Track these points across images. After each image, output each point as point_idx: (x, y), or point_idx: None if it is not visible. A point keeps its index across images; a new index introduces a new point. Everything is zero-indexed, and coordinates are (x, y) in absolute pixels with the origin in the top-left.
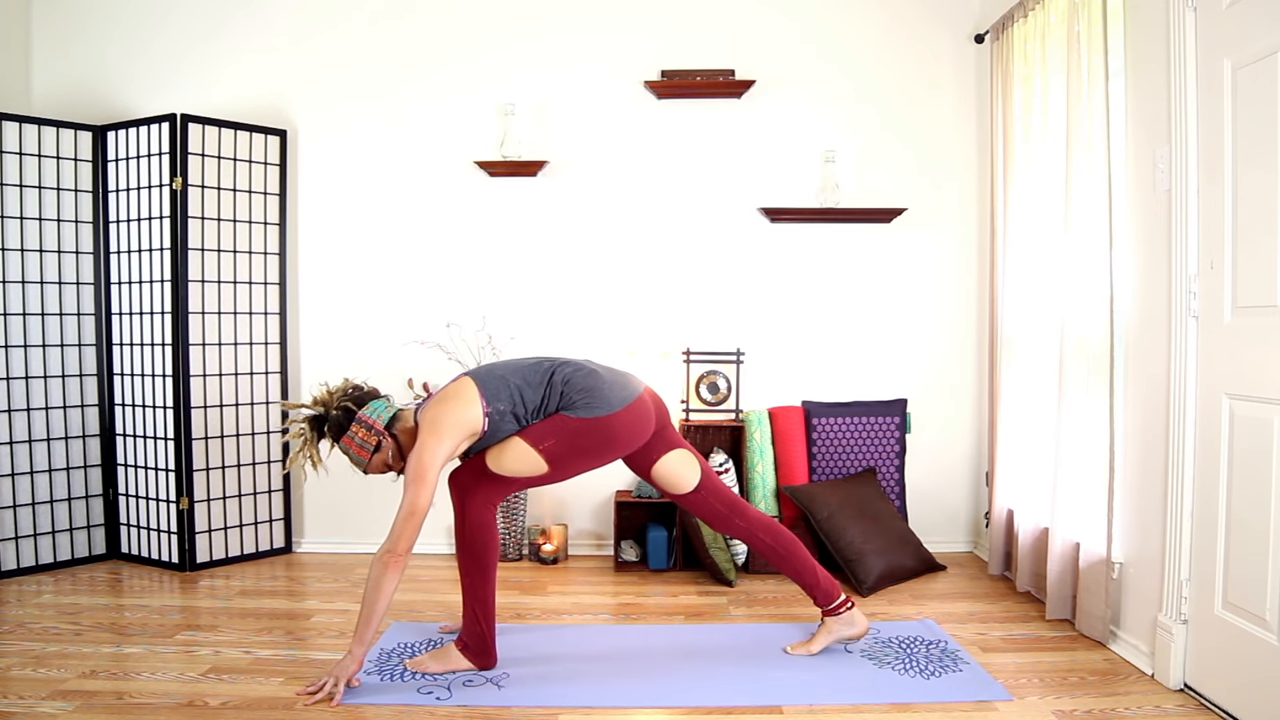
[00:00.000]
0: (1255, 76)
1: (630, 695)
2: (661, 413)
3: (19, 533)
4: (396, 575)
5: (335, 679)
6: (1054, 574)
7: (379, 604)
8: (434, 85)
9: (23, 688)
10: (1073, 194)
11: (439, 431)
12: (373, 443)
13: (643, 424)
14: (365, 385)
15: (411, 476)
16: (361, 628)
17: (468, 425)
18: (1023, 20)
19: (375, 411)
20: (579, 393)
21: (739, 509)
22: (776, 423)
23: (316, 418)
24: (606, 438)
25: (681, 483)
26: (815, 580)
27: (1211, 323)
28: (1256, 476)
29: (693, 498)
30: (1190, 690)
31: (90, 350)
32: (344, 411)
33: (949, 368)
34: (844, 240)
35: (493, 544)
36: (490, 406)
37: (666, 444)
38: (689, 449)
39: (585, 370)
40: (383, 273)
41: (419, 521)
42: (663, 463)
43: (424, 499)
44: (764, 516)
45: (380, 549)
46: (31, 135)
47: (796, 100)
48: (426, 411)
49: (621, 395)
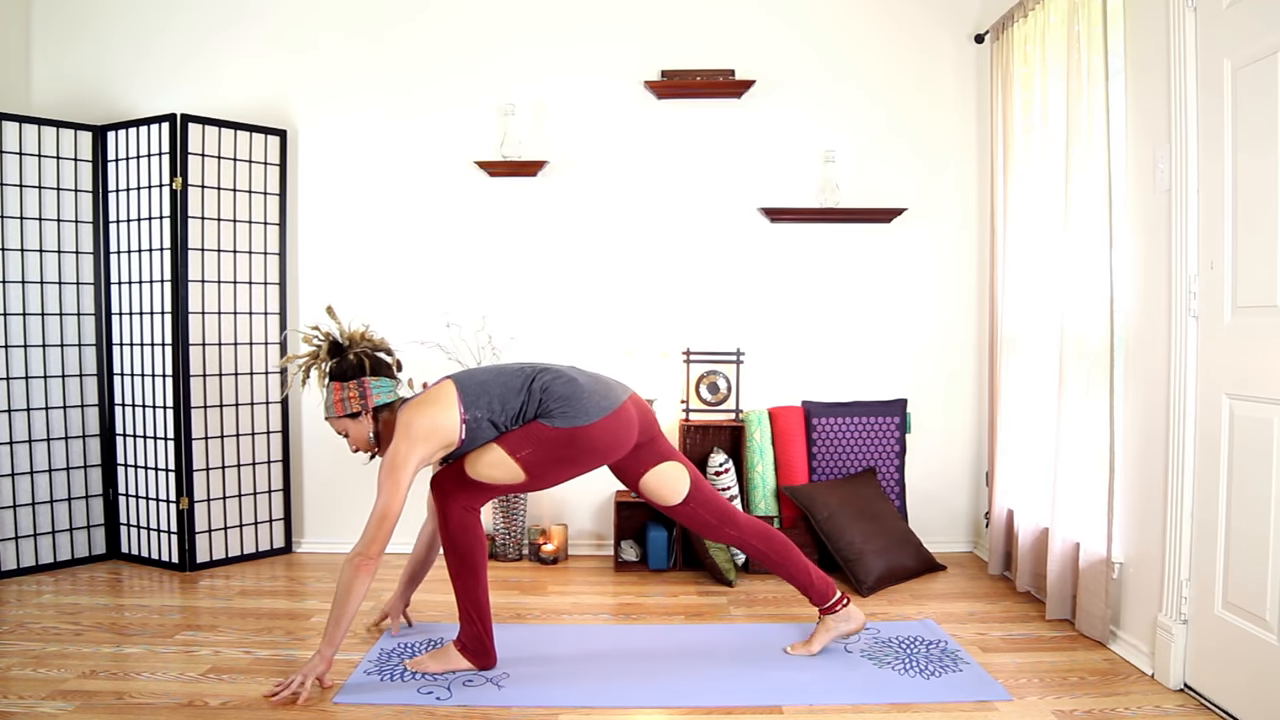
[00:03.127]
0: (1255, 76)
1: (630, 695)
2: (649, 422)
3: (19, 533)
4: (368, 578)
5: (303, 678)
6: (1054, 574)
7: (349, 606)
8: (434, 85)
9: (23, 688)
10: (1073, 194)
11: (412, 437)
12: (354, 409)
13: (624, 433)
14: (394, 356)
15: (384, 478)
16: (331, 629)
17: (443, 433)
18: (1023, 20)
19: (378, 388)
20: (556, 401)
21: (729, 518)
22: (776, 423)
23: (336, 344)
24: (585, 447)
25: (670, 495)
26: (810, 581)
27: (1211, 322)
28: (1256, 476)
29: (681, 509)
30: (1190, 690)
31: (90, 350)
32: (358, 362)
33: (949, 368)
34: (844, 240)
35: (478, 545)
36: (468, 413)
37: (657, 456)
38: (680, 460)
39: (565, 378)
40: (383, 273)
41: (391, 525)
42: (651, 475)
43: (396, 503)
44: (755, 522)
45: (352, 551)
46: (31, 135)
47: (796, 100)
48: (404, 413)
49: (601, 405)
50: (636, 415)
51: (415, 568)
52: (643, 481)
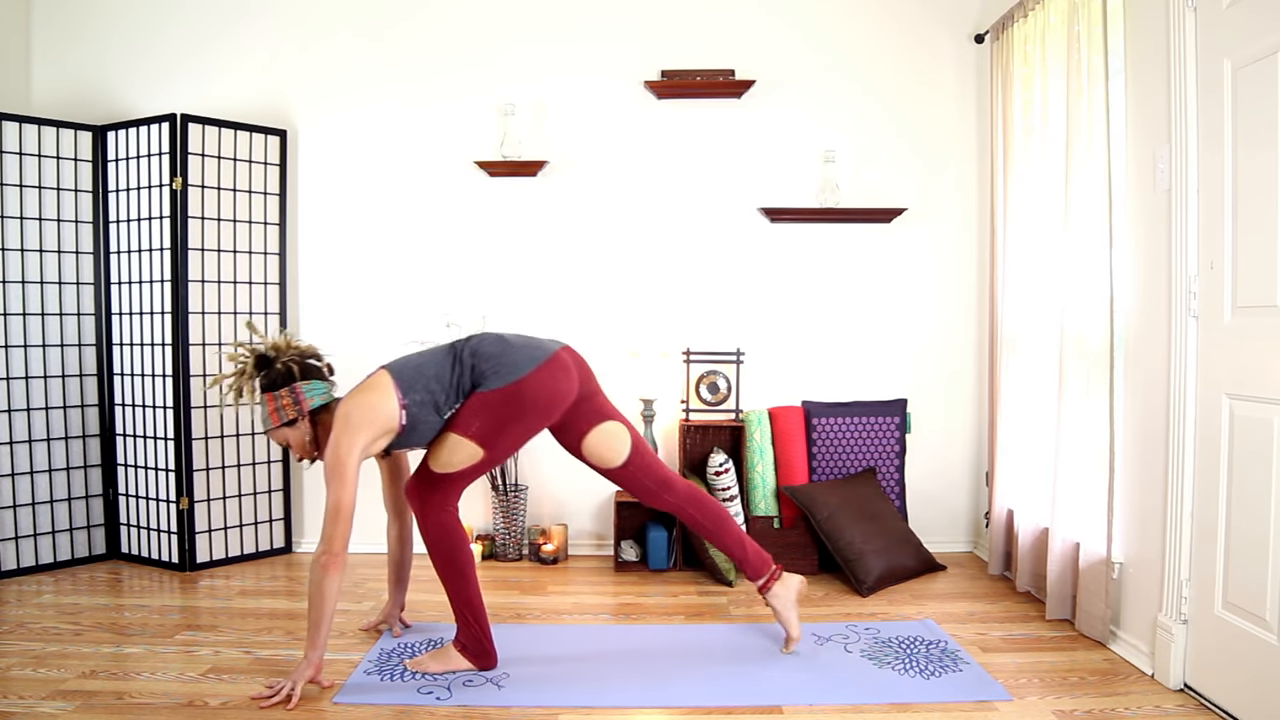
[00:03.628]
0: (1255, 76)
1: (630, 695)
2: (587, 373)
3: (19, 533)
4: (337, 575)
5: (293, 682)
6: (1054, 574)
7: (325, 607)
8: (434, 85)
9: (23, 688)
10: (1073, 194)
11: (350, 425)
12: (290, 416)
13: (563, 383)
14: (323, 360)
15: (329, 473)
16: (312, 633)
17: (382, 418)
18: (1023, 20)
19: (311, 391)
20: (486, 361)
21: (668, 483)
22: (776, 423)
23: (263, 357)
24: (528, 401)
25: (612, 456)
26: (745, 554)
27: (1211, 322)
28: (1256, 476)
29: (623, 473)
30: (1190, 690)
31: (90, 350)
32: (286, 370)
33: (949, 368)
34: (844, 240)
35: (460, 546)
36: (406, 398)
37: (598, 413)
38: (621, 420)
39: (490, 338)
40: (382, 273)
41: (347, 518)
42: (594, 435)
43: (347, 495)
44: (692, 488)
45: (316, 552)
46: (31, 135)
47: (796, 100)
48: (341, 406)
49: (533, 355)
50: (573, 365)
51: (395, 569)
52: (585, 442)
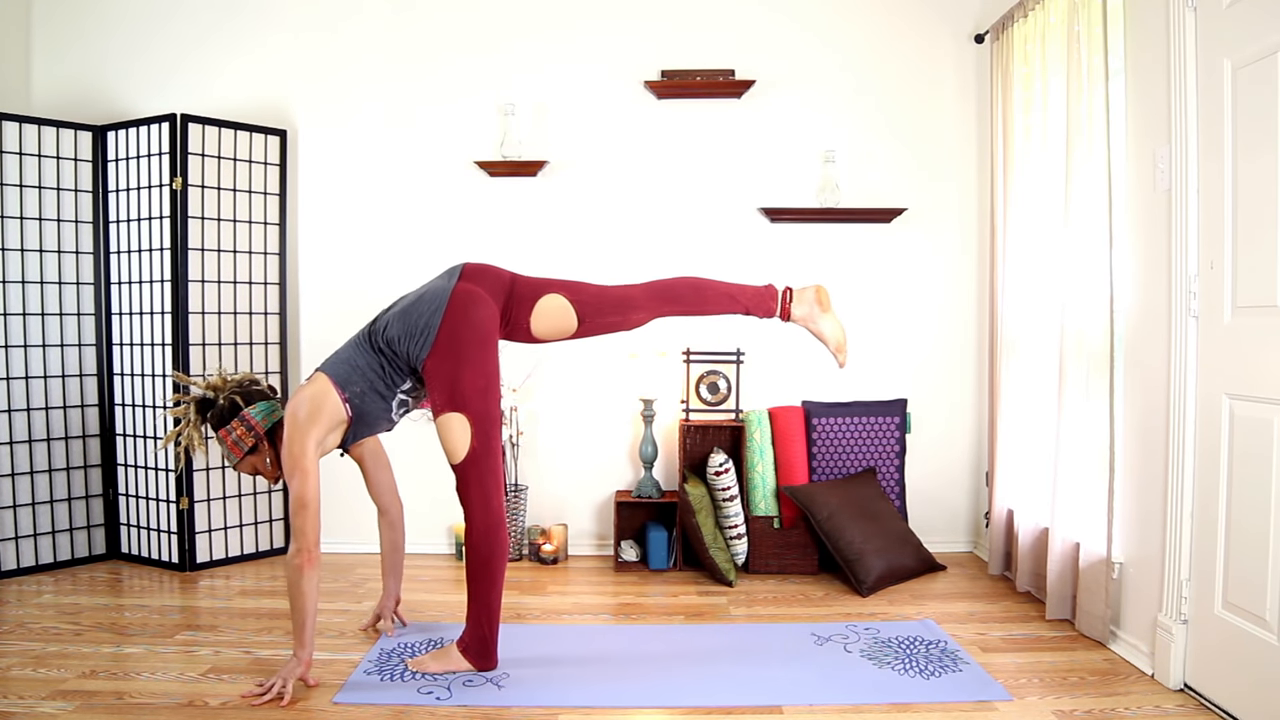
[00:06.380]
0: (1255, 76)
1: (630, 695)
2: (495, 275)
3: (19, 533)
4: (313, 571)
5: (283, 680)
6: (1054, 574)
7: (306, 604)
8: (434, 85)
9: (23, 688)
10: (1072, 193)
11: (299, 421)
12: (249, 443)
13: (476, 310)
14: (263, 382)
15: (288, 470)
16: (298, 631)
17: (328, 410)
18: (1023, 20)
19: (260, 413)
20: (400, 343)
21: (628, 303)
22: (776, 423)
23: (203, 401)
24: (464, 339)
25: (566, 324)
26: (745, 303)
27: (1211, 322)
28: (1256, 476)
29: (587, 328)
30: (1190, 690)
31: (90, 350)
32: (231, 404)
33: (949, 367)
34: (844, 240)
35: (499, 552)
36: (346, 392)
37: (527, 301)
38: (551, 290)
39: (391, 315)
40: (383, 273)
41: (314, 512)
42: (535, 319)
43: (309, 489)
44: (651, 286)
45: (289, 552)
46: (31, 135)
47: (796, 100)
48: (288, 406)
49: (433, 305)
50: (476, 285)
51: (388, 561)
52: (534, 331)
